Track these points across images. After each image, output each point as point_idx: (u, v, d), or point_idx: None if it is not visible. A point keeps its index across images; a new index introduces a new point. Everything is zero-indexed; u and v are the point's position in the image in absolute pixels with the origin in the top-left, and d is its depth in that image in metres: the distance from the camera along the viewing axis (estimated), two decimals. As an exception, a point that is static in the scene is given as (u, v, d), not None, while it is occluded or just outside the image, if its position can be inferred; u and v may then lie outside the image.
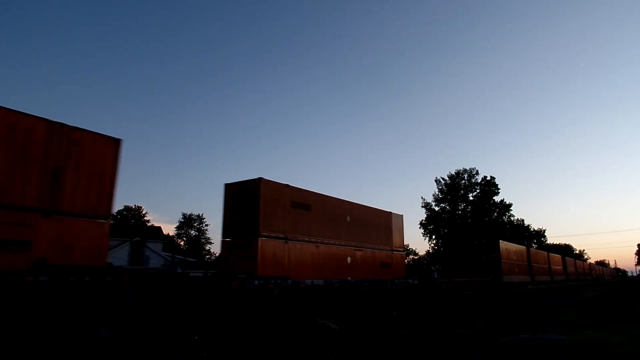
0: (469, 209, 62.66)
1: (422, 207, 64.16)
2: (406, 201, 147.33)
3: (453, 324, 12.33)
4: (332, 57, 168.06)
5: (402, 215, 19.85)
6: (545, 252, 43.86)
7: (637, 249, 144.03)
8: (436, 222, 61.66)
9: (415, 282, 19.63)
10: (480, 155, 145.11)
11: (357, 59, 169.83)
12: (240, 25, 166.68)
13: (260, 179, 12.10)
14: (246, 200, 12.13)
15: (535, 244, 72.63)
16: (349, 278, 15.06)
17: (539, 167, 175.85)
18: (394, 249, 18.59)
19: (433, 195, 64.51)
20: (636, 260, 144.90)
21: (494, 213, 62.83)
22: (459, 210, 62.41)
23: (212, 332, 8.57)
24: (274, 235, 12.20)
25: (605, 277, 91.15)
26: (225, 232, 12.46)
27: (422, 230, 61.82)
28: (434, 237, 61.79)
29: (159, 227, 47.00)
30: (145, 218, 72.91)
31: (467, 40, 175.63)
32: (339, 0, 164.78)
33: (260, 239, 11.68)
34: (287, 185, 13.07)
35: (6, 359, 6.03)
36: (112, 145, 9.51)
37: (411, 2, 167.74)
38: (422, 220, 62.38)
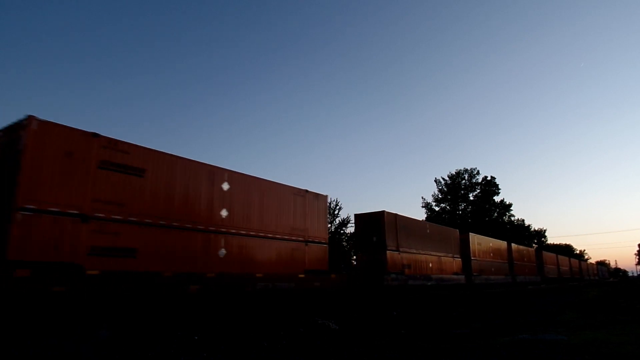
0: (469, 209, 62.68)
1: (422, 207, 64.22)
2: (406, 201, 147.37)
3: (453, 324, 12.33)
4: (332, 57, 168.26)
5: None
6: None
7: (637, 249, 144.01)
8: (436, 222, 61.58)
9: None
10: (481, 155, 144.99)
11: (357, 60, 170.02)
12: (242, 26, 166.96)
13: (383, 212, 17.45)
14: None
15: (535, 244, 72.59)
16: None
17: (539, 167, 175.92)
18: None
19: (433, 195, 64.55)
20: (637, 260, 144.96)
21: (494, 213, 62.84)
22: (459, 210, 62.40)
23: (212, 332, 8.57)
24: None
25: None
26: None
27: (422, 230, 61.75)
28: (434, 237, 61.65)
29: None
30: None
31: (467, 40, 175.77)
32: (339, 1, 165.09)
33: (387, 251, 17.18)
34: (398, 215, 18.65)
35: (6, 359, 6.02)
36: (325, 199, 14.63)
37: (411, 3, 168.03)
38: (422, 220, 62.41)
